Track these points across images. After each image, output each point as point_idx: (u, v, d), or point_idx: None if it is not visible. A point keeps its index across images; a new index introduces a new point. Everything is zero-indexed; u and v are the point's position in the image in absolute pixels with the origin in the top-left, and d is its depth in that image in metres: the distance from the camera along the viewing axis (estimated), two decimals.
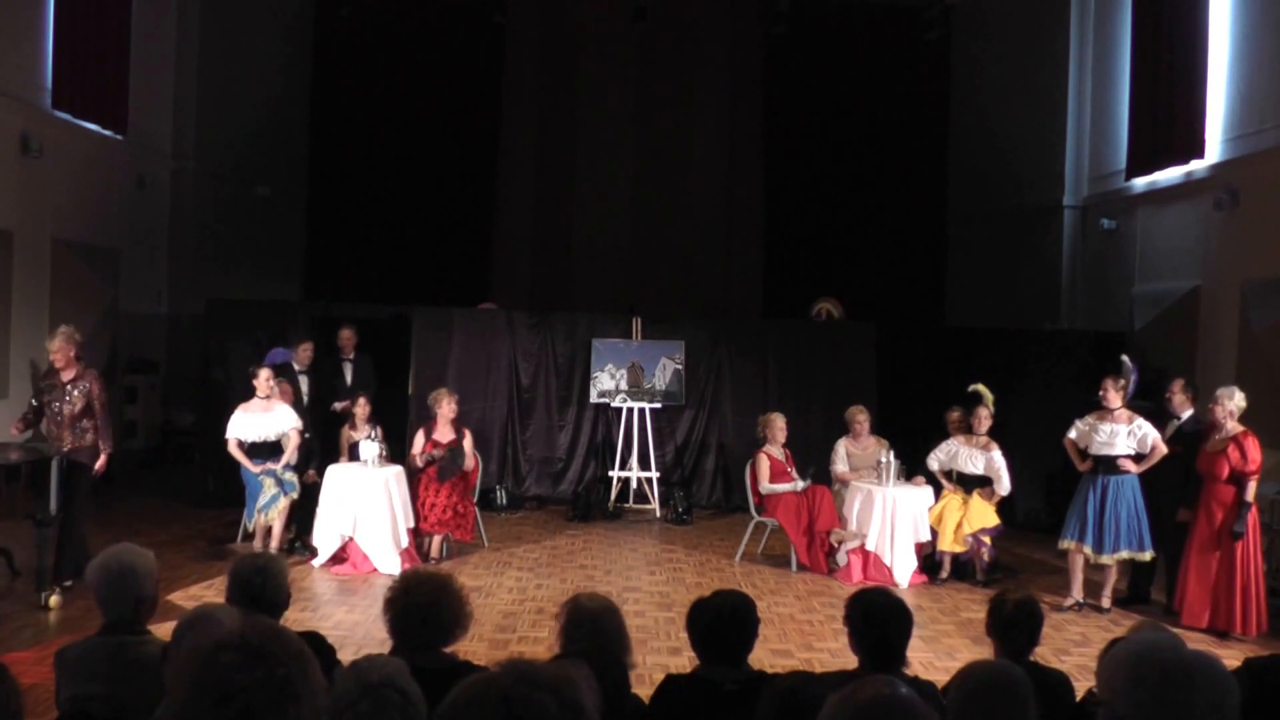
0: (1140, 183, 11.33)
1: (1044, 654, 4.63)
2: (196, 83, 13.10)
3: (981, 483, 8.34)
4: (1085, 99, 12.62)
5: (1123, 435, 7.36)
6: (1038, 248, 13.21)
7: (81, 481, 7.18)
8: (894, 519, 8.23)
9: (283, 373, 9.09)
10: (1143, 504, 7.38)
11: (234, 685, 1.47)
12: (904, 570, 8.22)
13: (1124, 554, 7.40)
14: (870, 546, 8.28)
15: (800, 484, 8.74)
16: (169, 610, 6.59)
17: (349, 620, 6.76)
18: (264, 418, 8.40)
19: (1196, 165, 10.29)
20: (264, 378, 8.44)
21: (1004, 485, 8.32)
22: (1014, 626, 3.70)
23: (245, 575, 3.59)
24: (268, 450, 8.38)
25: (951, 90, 15.63)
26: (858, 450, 8.97)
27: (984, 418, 8.39)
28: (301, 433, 8.64)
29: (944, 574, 8.36)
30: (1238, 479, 6.96)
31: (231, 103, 13.51)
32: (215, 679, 1.48)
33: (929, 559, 8.49)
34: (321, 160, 15.50)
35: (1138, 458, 7.39)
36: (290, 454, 8.41)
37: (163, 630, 4.87)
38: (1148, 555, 7.43)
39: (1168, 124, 10.63)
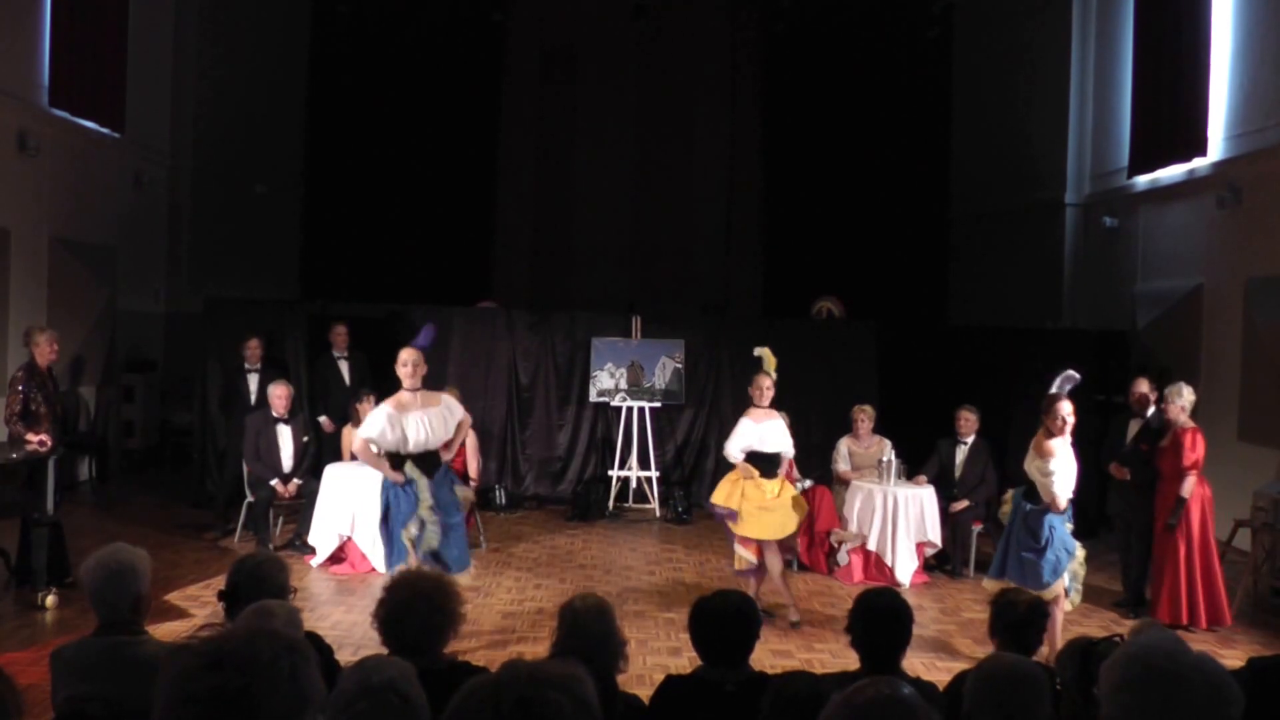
0: (1143, 180, 11.30)
1: (1045, 654, 4.62)
2: (194, 81, 13.07)
3: (773, 460, 7.19)
4: (1087, 96, 12.59)
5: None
6: (1040, 246, 13.18)
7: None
8: (895, 518, 8.19)
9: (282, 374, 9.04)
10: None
11: (187, 693, 1.46)
12: (905, 570, 8.19)
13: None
14: (871, 546, 8.25)
15: (799, 486, 8.68)
16: (167, 610, 6.58)
17: (347, 620, 6.73)
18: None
19: (1199, 163, 10.26)
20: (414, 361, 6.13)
21: (790, 449, 7.28)
22: (1028, 626, 3.73)
23: (243, 576, 3.56)
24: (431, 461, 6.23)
25: (953, 88, 15.60)
26: (860, 449, 8.93)
27: (765, 387, 7.14)
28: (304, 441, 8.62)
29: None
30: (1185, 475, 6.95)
31: (229, 101, 13.48)
32: (175, 685, 1.47)
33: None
34: (319, 158, 15.48)
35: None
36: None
37: (158, 631, 4.85)
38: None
39: (1170, 121, 10.60)
